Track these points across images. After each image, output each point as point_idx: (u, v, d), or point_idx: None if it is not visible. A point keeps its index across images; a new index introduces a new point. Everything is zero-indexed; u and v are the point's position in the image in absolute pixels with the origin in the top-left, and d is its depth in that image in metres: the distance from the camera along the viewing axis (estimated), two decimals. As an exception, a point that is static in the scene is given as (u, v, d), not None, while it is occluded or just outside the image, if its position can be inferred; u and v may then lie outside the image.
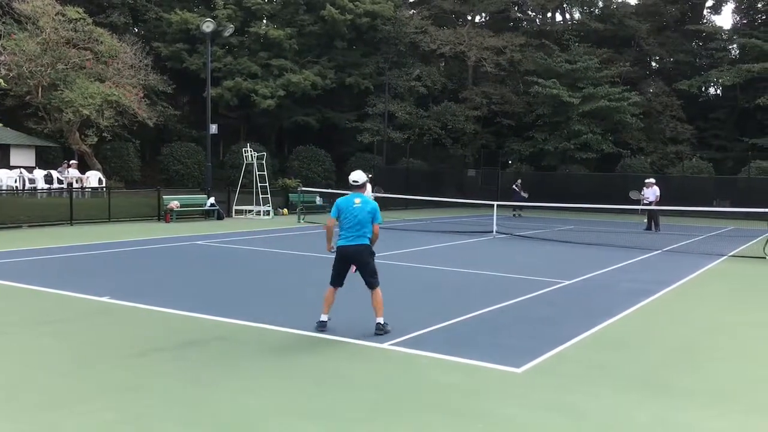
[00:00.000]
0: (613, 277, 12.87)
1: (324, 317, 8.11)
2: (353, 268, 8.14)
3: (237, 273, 12.69)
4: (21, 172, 26.32)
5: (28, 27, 28.68)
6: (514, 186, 31.32)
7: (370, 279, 8.08)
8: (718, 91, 47.57)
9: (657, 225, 23.70)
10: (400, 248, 16.77)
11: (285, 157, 41.93)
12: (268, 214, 26.90)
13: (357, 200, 8.15)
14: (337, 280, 8.20)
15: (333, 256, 8.33)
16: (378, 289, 8.07)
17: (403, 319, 8.74)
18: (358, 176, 8.35)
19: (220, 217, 25.46)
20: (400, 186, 35.20)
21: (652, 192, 23.40)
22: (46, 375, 6.29)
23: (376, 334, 7.83)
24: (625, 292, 11.23)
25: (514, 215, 30.63)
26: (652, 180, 24.15)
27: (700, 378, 6.69)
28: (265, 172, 27.51)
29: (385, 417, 5.44)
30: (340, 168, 40.92)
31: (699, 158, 40.16)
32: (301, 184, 30.70)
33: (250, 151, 27.72)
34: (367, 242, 8.15)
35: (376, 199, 18.51)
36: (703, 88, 45.96)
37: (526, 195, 30.30)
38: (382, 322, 7.95)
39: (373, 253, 8.21)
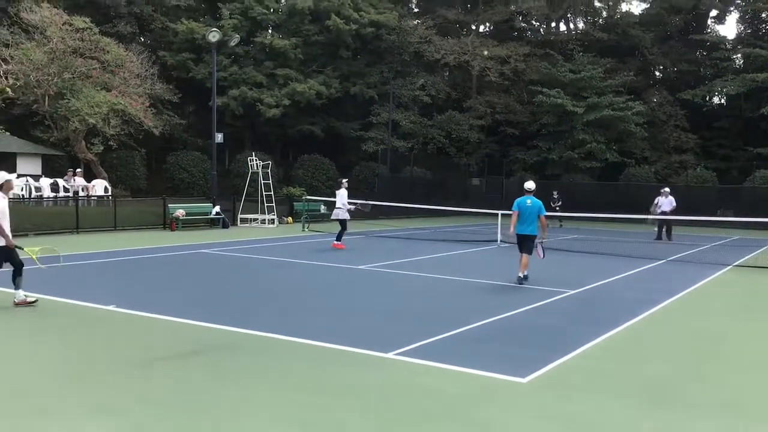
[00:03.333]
0: (618, 287, 12.88)
1: (521, 274, 12.69)
2: None
3: (241, 282, 12.73)
4: (27, 181, 26.41)
5: (36, 36, 28.84)
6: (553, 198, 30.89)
7: (528, 249, 12.71)
8: (723, 101, 47.54)
9: (669, 234, 23.73)
10: (404, 257, 16.80)
11: (290, 165, 41.99)
12: (273, 223, 26.96)
13: (528, 201, 12.73)
14: (521, 249, 12.78)
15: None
16: (528, 255, 12.69)
17: (407, 329, 8.76)
18: (530, 185, 12.97)
19: (225, 226, 25.52)
20: (404, 194, 35.25)
21: (668, 202, 23.50)
22: (49, 382, 6.32)
23: (519, 282, 12.51)
24: (631, 301, 11.23)
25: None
26: (668, 189, 24.24)
27: (706, 388, 6.69)
28: (270, 181, 27.59)
29: (389, 427, 5.46)
30: (345, 176, 40.91)
31: (703, 168, 40.11)
32: (305, 193, 30.77)
33: (256, 159, 27.81)
34: (535, 231, 12.74)
35: (356, 210, 20.61)
36: (708, 98, 45.94)
37: (556, 205, 29.99)
38: (522, 276, 12.65)
39: (535, 236, 12.79)
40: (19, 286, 9.58)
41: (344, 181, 19.59)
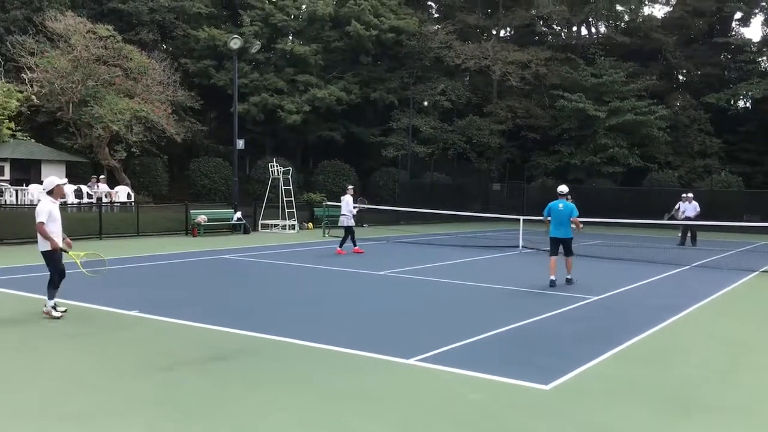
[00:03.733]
0: (642, 293, 12.72)
1: (552, 277, 13.00)
2: None
3: (263, 287, 12.76)
4: (52, 187, 26.73)
5: (60, 45, 29.24)
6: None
7: (568, 252, 13.35)
8: (748, 104, 46.90)
9: (694, 239, 23.40)
10: (425, 263, 16.74)
11: (310, 171, 42.12)
12: (294, 228, 27.03)
13: (560, 205, 13.18)
14: (554, 252, 13.21)
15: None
16: (571, 258, 13.44)
17: (429, 335, 8.71)
18: (563, 188, 13.55)
19: (246, 231, 25.64)
20: (425, 200, 35.17)
21: (692, 207, 23.17)
22: (74, 388, 6.36)
23: (567, 282, 13.19)
24: (655, 307, 11.07)
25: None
26: (691, 195, 23.89)
27: (732, 394, 6.57)
28: (291, 187, 27.68)
29: (411, 433, 5.41)
30: (365, 182, 41.02)
31: (728, 172, 39.59)
32: (326, 199, 30.80)
33: (276, 165, 27.92)
34: (568, 233, 13.21)
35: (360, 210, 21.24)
36: (732, 101, 45.36)
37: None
38: (570, 277, 13.31)
39: (571, 238, 13.37)
40: (52, 297, 9.34)
41: (350, 187, 19.92)
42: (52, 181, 9.69)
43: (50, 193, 9.55)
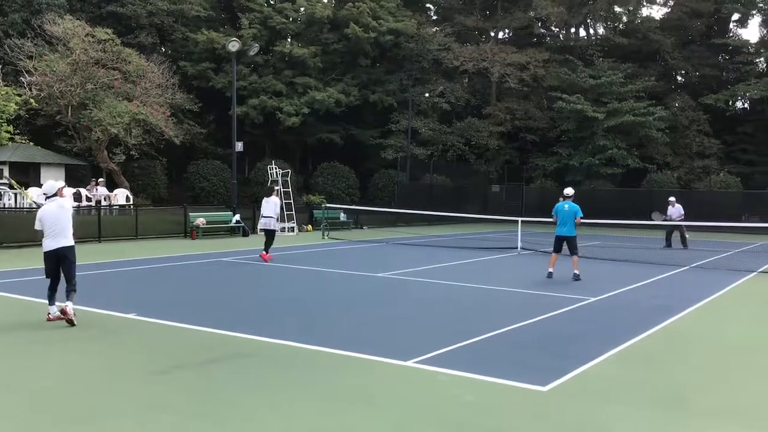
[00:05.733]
0: (640, 294, 12.73)
1: (551, 269, 14.34)
2: None
3: (261, 290, 12.76)
4: (51, 190, 26.72)
5: (59, 48, 29.24)
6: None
7: (573, 250, 14.39)
8: (746, 105, 47.00)
9: (684, 242, 23.29)
10: (424, 265, 16.75)
11: (309, 173, 42.14)
12: (293, 231, 27.04)
13: (566, 206, 14.33)
14: (557, 249, 14.50)
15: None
16: (576, 256, 14.43)
17: (427, 337, 8.72)
18: (568, 191, 14.72)
19: (245, 234, 25.63)
20: (424, 202, 35.19)
21: (676, 210, 23.17)
22: (71, 391, 6.36)
23: (574, 280, 13.89)
24: (652, 309, 11.08)
25: None
26: (673, 198, 23.86)
27: (728, 396, 6.58)
28: (290, 189, 27.68)
29: (408, 435, 5.42)
30: (364, 184, 41.03)
31: (727, 173, 39.63)
32: (325, 201, 30.81)
33: (275, 168, 27.92)
34: (573, 232, 14.32)
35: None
36: (730, 102, 45.42)
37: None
38: (577, 273, 14.11)
39: (575, 236, 14.39)
40: (51, 302, 9.31)
41: (276, 188, 18.90)
42: (49, 186, 9.75)
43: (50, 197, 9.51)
